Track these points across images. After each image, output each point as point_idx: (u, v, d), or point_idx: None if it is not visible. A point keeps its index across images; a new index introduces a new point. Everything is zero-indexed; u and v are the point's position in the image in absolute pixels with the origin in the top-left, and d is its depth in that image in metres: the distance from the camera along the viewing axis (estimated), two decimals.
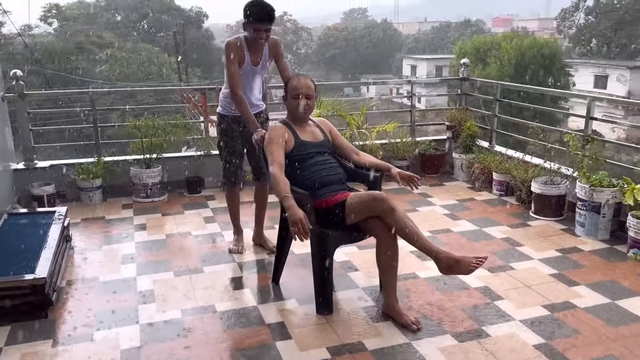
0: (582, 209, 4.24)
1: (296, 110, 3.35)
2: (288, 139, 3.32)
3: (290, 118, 3.42)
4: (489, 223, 4.63)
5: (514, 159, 5.38)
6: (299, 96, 3.32)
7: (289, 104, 3.38)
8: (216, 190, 5.73)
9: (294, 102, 3.34)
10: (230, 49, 3.58)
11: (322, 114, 5.62)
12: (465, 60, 6.39)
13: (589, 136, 4.65)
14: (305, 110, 3.35)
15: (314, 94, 3.40)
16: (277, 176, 3.07)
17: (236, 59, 3.58)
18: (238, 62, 3.60)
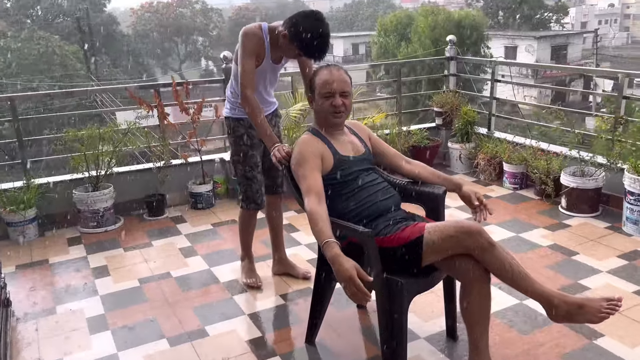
0: (635, 203, 3.70)
1: (330, 114, 2.48)
2: (325, 155, 2.46)
3: (320, 125, 2.55)
4: (522, 226, 4.01)
5: (525, 147, 4.79)
6: (332, 94, 2.46)
7: (318, 105, 2.51)
8: (184, 209, 4.70)
9: (327, 103, 2.48)
10: (250, 40, 2.76)
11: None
12: (452, 37, 5.70)
13: (622, 117, 4.12)
14: (341, 112, 2.50)
15: (350, 89, 2.55)
16: (316, 213, 2.21)
17: (254, 53, 2.77)
18: (256, 57, 2.79)
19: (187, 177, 4.77)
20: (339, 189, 2.46)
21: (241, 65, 2.75)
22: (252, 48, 2.75)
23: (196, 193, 4.66)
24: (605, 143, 4.14)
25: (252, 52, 2.75)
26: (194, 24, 47.38)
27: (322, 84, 2.47)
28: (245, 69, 2.74)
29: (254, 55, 2.77)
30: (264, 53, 2.82)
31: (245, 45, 2.75)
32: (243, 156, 3.03)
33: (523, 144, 4.85)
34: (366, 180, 2.52)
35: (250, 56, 2.75)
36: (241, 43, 2.75)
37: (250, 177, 3.08)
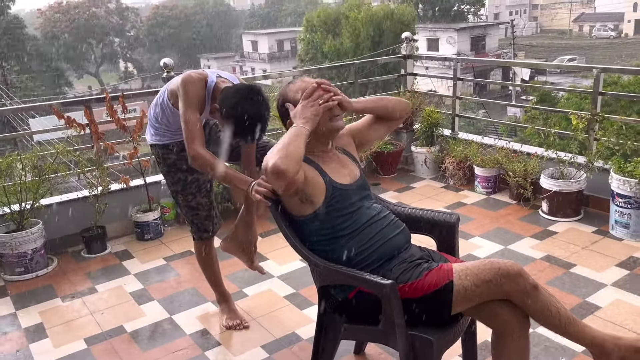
0: (625, 206, 3.52)
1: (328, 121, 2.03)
2: (313, 181, 2.00)
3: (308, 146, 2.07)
4: (508, 237, 3.75)
5: (495, 148, 4.56)
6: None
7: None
8: (129, 242, 4.09)
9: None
10: (194, 88, 2.37)
11: None
12: (407, 34, 5.38)
13: (599, 114, 3.95)
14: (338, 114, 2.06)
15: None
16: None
17: (197, 104, 2.38)
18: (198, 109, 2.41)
19: (130, 204, 4.15)
20: (339, 227, 2.02)
21: (185, 118, 2.33)
22: (197, 95, 2.37)
23: (142, 222, 4.07)
24: (582, 142, 3.97)
25: (195, 102, 2.36)
26: (109, 24, 44.99)
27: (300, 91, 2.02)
28: (190, 122, 2.33)
29: (198, 105, 2.38)
30: (203, 108, 2.44)
31: (189, 92, 2.36)
32: (182, 185, 2.66)
33: (493, 146, 4.61)
34: (371, 213, 2.10)
35: (192, 106, 2.35)
36: (184, 91, 2.35)
37: (194, 206, 2.71)
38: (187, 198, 2.69)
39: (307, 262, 2.05)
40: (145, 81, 44.93)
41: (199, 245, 2.82)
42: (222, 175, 2.33)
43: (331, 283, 2.05)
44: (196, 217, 2.74)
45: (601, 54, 43.22)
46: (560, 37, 53.69)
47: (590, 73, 3.99)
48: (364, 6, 25.97)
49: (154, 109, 2.59)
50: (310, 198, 2.00)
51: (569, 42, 50.44)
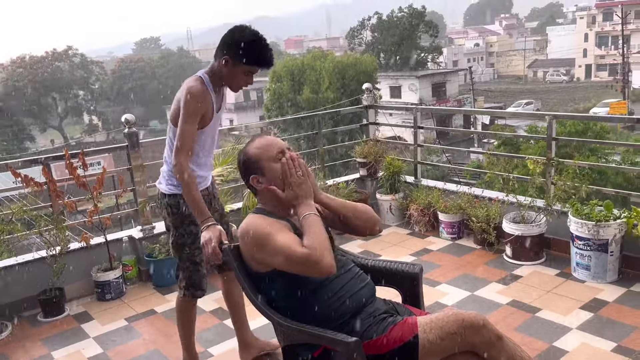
0: (585, 248, 3.60)
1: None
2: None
3: (271, 204, 2.06)
4: (474, 283, 3.77)
5: (458, 194, 4.64)
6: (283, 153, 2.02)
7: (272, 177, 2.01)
8: (89, 303, 3.94)
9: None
10: (197, 99, 2.39)
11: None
12: (368, 85, 5.52)
13: (554, 159, 4.08)
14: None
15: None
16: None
17: (199, 114, 2.42)
18: (203, 116, 2.45)
19: (90, 263, 4.03)
20: (303, 283, 1.99)
21: (182, 128, 2.37)
22: (198, 109, 2.40)
23: (102, 281, 3.93)
24: (540, 186, 4.07)
25: (196, 114, 2.40)
26: (73, 77, 44.77)
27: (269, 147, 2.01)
28: (185, 133, 2.37)
29: (198, 117, 2.41)
30: (211, 109, 2.48)
31: (190, 106, 2.37)
32: (192, 238, 2.59)
33: (456, 192, 4.68)
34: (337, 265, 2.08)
35: (194, 119, 2.39)
36: (184, 103, 2.37)
37: (198, 262, 2.64)
38: (194, 252, 2.61)
39: (270, 320, 2.01)
40: (110, 134, 44.57)
41: (187, 303, 2.74)
42: (194, 194, 2.35)
43: (296, 342, 2.00)
44: (196, 274, 2.66)
45: (555, 97, 45.16)
46: (517, 83, 56.01)
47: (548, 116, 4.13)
48: (329, 56, 26.69)
49: (169, 151, 2.53)
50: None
51: (524, 86, 52.61)
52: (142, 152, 4.28)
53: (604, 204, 3.62)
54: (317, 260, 1.78)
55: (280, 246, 1.84)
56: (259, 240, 1.89)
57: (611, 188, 11.30)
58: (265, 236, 1.87)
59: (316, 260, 1.78)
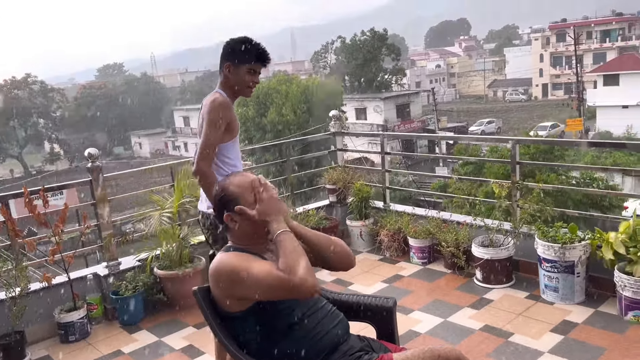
0: (552, 271, 3.66)
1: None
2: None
3: (250, 239, 1.99)
4: (446, 309, 3.77)
5: (427, 218, 4.67)
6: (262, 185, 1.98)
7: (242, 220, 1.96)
8: (51, 346, 3.77)
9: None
10: (221, 108, 2.57)
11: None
12: (335, 112, 5.55)
13: (519, 182, 4.16)
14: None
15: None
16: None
17: (224, 122, 2.59)
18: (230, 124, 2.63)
19: (53, 303, 3.87)
20: (275, 323, 1.94)
21: (206, 135, 2.52)
22: (224, 116, 2.56)
23: (66, 322, 3.78)
24: (506, 209, 4.14)
25: (220, 123, 2.55)
26: (33, 105, 43.78)
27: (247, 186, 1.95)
28: (211, 141, 2.53)
29: (222, 126, 2.56)
30: (236, 118, 2.67)
31: (213, 114, 2.53)
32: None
33: (425, 216, 4.72)
34: (308, 304, 2.04)
35: (218, 127, 2.54)
36: (208, 112, 2.54)
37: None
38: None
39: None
40: (73, 161, 43.55)
41: None
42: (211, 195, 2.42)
43: None
44: None
45: (515, 116, 46.47)
46: (478, 102, 57.48)
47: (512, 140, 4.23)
48: (294, 80, 26.89)
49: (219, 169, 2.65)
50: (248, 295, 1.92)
51: (485, 106, 54.00)
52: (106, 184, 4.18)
53: (568, 227, 3.69)
54: (296, 281, 1.73)
55: (257, 275, 1.78)
56: (236, 275, 1.82)
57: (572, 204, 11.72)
58: (242, 269, 1.82)
59: (295, 282, 1.73)
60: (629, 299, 3.32)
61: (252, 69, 2.61)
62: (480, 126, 42.12)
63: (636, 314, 3.31)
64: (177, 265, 4.08)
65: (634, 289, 3.28)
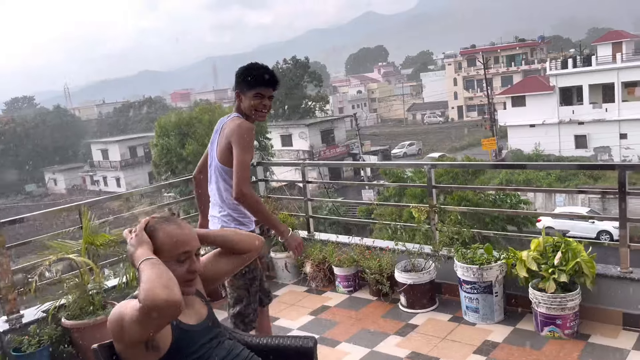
0: (472, 292, 3.73)
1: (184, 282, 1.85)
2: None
3: None
4: (373, 337, 3.73)
5: (351, 246, 4.66)
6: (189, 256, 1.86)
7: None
8: None
9: (182, 269, 1.83)
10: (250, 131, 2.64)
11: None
12: (254, 143, 5.46)
13: (436, 206, 4.25)
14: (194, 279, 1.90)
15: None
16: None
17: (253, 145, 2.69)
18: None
19: None
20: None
21: (241, 159, 2.56)
22: (252, 140, 2.65)
23: None
24: (425, 232, 4.20)
25: (252, 146, 2.65)
26: None
27: (175, 244, 1.82)
28: (245, 164, 2.57)
29: (254, 148, 2.66)
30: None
31: (246, 137, 2.59)
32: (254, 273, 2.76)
33: (349, 244, 4.70)
34: (221, 354, 1.92)
35: (251, 150, 2.62)
36: (239, 136, 2.58)
37: (254, 293, 2.78)
38: (255, 283, 2.76)
39: None
40: None
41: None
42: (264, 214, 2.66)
43: None
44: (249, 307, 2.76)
45: (434, 137, 48.48)
46: (399, 125, 59.52)
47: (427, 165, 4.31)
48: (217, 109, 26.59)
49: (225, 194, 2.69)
50: (157, 344, 1.77)
51: (406, 129, 56.01)
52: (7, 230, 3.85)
53: (484, 247, 3.79)
54: (150, 304, 1.59)
55: (129, 314, 1.66)
56: (118, 321, 1.69)
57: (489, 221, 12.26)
58: (122, 312, 1.69)
59: (150, 306, 1.59)
60: (543, 314, 3.43)
61: (258, 94, 2.66)
62: (402, 148, 43.53)
63: (551, 330, 3.42)
64: (87, 314, 3.79)
65: (547, 304, 3.39)
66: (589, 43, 47.18)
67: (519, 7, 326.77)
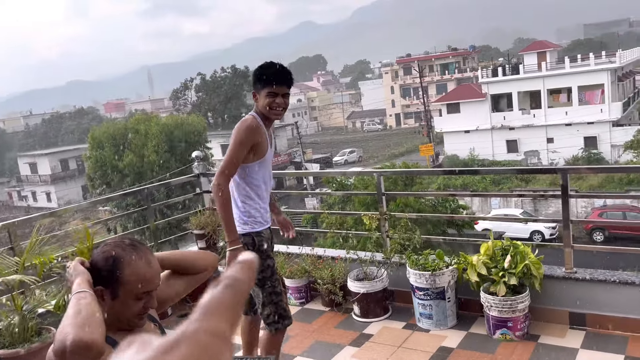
0: (425, 298, 3.73)
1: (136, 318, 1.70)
2: None
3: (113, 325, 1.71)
4: (326, 350, 3.66)
5: (302, 256, 4.57)
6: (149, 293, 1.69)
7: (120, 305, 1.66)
8: None
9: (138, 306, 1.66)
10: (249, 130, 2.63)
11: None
12: (197, 153, 5.29)
13: (386, 213, 4.25)
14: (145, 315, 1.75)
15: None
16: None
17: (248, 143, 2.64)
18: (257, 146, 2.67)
19: None
20: None
21: (228, 153, 2.60)
22: (247, 139, 2.61)
23: None
24: (377, 240, 4.19)
25: (244, 144, 2.61)
26: None
27: (140, 284, 1.64)
28: (232, 160, 2.58)
29: (246, 147, 2.62)
30: (265, 141, 2.69)
31: (238, 135, 2.60)
32: (271, 271, 2.78)
33: (299, 254, 4.62)
34: None
35: (240, 147, 2.60)
36: (234, 133, 2.62)
37: (279, 292, 2.82)
38: (275, 284, 2.78)
39: None
40: None
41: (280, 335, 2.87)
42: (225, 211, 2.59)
43: None
44: (281, 303, 2.81)
45: (374, 144, 49.28)
46: (339, 133, 60.10)
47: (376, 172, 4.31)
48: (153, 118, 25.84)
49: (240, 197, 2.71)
50: None
51: (346, 136, 56.63)
52: None
53: (435, 253, 3.82)
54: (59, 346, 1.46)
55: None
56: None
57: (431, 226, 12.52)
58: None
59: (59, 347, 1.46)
60: (495, 318, 3.48)
61: (272, 92, 2.64)
62: (343, 156, 43.94)
63: (503, 332, 3.48)
64: (20, 342, 3.50)
65: (499, 308, 3.44)
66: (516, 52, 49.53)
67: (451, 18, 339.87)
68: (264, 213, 2.80)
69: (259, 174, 2.75)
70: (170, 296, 1.94)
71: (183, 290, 1.99)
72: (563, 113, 33.75)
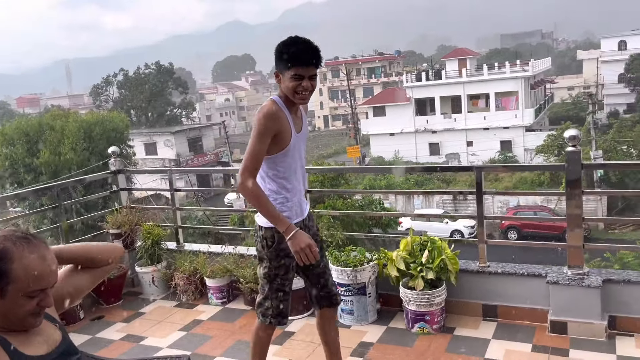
0: (347, 294, 3.76)
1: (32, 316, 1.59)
2: None
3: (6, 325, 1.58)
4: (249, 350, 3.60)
5: (224, 256, 4.48)
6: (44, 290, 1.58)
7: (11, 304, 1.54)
8: None
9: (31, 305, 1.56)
10: (268, 118, 2.39)
11: None
12: (114, 148, 5.03)
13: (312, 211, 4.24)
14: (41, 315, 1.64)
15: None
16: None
17: (270, 133, 2.40)
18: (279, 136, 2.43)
19: None
20: None
21: (250, 147, 2.38)
22: (268, 128, 2.38)
23: None
24: None
25: (266, 134, 2.38)
26: None
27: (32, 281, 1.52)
28: (253, 152, 2.37)
29: (269, 137, 2.39)
30: (288, 128, 2.46)
31: (259, 125, 2.38)
32: (285, 269, 2.62)
33: (221, 253, 4.53)
34: None
35: (263, 138, 2.37)
36: (255, 123, 2.41)
37: (288, 291, 2.69)
38: (285, 283, 2.65)
39: None
40: None
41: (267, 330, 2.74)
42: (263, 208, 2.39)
43: None
44: (284, 302, 2.67)
45: None
46: None
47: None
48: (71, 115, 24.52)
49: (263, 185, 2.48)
50: None
51: None
52: None
53: (357, 250, 3.86)
54: None
55: None
56: None
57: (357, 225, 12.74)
58: None
59: None
60: (413, 312, 3.57)
61: (297, 75, 2.35)
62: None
63: (421, 326, 3.57)
64: None
65: (417, 302, 3.53)
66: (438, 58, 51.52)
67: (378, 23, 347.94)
68: (291, 206, 2.55)
69: (284, 164, 2.51)
70: (69, 292, 1.81)
71: (85, 286, 1.87)
72: (482, 118, 35.48)
